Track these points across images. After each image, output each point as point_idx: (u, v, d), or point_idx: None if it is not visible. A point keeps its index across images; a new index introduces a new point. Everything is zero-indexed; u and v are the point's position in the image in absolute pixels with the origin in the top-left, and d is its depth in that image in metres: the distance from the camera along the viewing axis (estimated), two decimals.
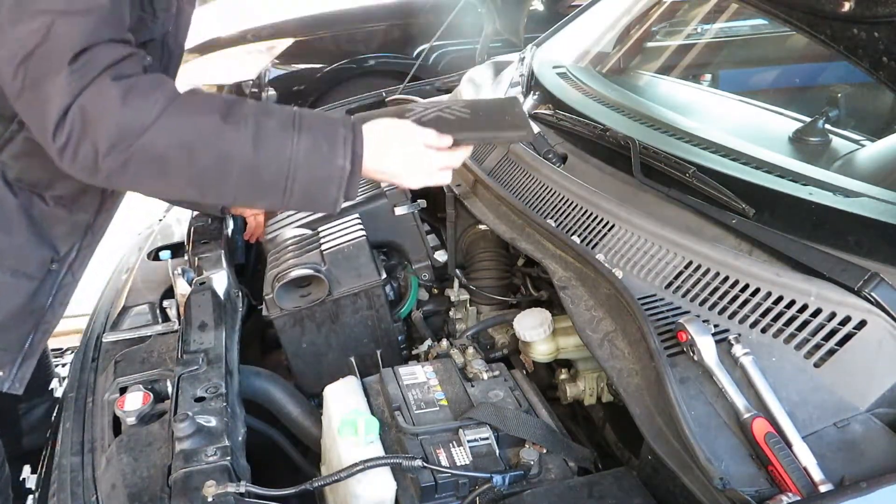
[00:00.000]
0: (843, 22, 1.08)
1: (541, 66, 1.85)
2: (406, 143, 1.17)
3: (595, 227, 1.30)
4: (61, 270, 1.31)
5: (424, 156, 1.18)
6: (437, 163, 1.19)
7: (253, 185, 1.09)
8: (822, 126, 1.46)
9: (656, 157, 1.31)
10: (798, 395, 0.95)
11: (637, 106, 1.62)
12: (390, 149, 1.16)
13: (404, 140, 1.17)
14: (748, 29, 2.24)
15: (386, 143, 1.15)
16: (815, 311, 0.99)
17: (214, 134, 1.04)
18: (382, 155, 1.15)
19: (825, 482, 0.85)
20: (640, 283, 1.17)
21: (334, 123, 1.12)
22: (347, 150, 1.10)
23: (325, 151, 1.09)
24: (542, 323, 1.31)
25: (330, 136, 1.10)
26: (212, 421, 1.11)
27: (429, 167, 1.19)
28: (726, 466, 0.89)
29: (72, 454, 1.20)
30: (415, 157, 1.17)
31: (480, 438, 1.08)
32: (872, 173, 1.33)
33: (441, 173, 1.20)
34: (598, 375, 1.30)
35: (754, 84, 2.22)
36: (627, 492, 0.99)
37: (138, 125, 1.01)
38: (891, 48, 1.02)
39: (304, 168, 1.08)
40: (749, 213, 1.15)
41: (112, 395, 1.28)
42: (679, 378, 0.99)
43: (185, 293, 1.46)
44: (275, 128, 1.07)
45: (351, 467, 1.00)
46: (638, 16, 2.07)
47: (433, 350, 1.45)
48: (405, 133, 1.17)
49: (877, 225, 1.05)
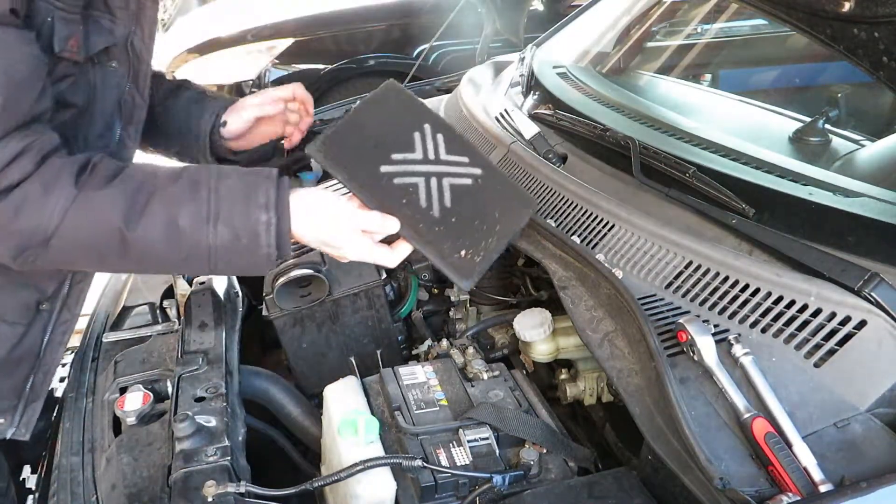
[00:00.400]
0: (843, 22, 1.08)
1: (541, 66, 1.85)
2: (337, 222, 1.05)
3: (595, 227, 1.29)
4: (54, 309, 1.19)
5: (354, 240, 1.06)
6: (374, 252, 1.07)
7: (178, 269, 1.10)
8: (822, 126, 1.47)
9: (656, 157, 1.31)
10: (798, 395, 0.95)
11: (637, 106, 1.62)
12: (320, 226, 1.05)
13: (336, 219, 1.05)
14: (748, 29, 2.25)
15: (315, 219, 1.05)
16: (816, 311, 0.99)
17: (120, 241, 0.97)
18: (311, 230, 1.05)
19: (825, 482, 0.85)
20: (640, 283, 1.17)
21: (256, 206, 0.99)
22: (271, 237, 0.99)
23: (246, 243, 0.99)
24: (542, 323, 1.31)
25: (251, 227, 0.99)
26: (212, 421, 1.11)
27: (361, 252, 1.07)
28: (726, 466, 0.89)
29: (72, 454, 1.20)
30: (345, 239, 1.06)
31: (480, 438, 1.08)
32: (872, 173, 1.33)
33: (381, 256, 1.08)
34: (598, 375, 1.30)
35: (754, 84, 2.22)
36: (627, 492, 0.99)
37: (39, 237, 0.95)
38: (891, 48, 1.02)
39: (225, 259, 1.00)
40: (749, 213, 1.15)
41: (112, 395, 1.28)
42: (679, 378, 0.99)
43: (185, 293, 1.46)
44: (187, 225, 0.97)
45: (351, 467, 1.00)
46: (638, 16, 2.07)
47: (433, 350, 1.45)
48: (338, 212, 1.06)
49: (877, 225, 1.06)
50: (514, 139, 1.59)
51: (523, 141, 1.58)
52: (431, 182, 1.06)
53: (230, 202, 0.99)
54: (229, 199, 1.00)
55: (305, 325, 1.47)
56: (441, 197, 1.05)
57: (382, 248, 1.08)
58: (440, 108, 1.97)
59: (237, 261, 1.01)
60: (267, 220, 0.99)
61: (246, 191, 1.00)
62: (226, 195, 1.00)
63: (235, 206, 0.99)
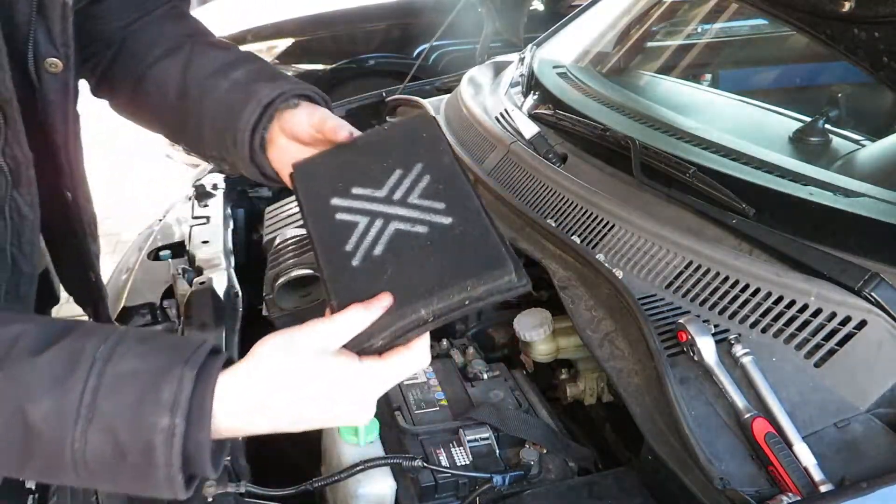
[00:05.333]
0: (843, 22, 1.08)
1: (541, 66, 1.85)
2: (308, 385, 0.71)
3: (595, 227, 1.29)
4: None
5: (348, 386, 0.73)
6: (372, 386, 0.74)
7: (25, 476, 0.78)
8: (822, 126, 1.46)
9: (656, 157, 1.31)
10: (798, 395, 0.95)
11: (637, 106, 1.62)
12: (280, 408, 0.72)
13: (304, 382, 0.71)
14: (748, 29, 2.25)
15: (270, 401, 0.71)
16: (816, 311, 0.99)
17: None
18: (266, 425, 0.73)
19: (825, 482, 0.85)
20: (641, 283, 1.17)
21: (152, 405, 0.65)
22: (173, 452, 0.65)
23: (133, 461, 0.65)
24: (542, 323, 1.31)
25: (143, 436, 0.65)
26: None
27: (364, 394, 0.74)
28: (726, 466, 0.89)
29: None
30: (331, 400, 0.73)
31: (480, 438, 1.08)
32: (872, 173, 1.33)
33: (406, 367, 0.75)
34: (598, 375, 1.30)
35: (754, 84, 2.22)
36: (627, 492, 0.99)
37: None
38: (891, 48, 1.02)
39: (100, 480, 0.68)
40: (749, 213, 1.15)
41: None
42: (679, 378, 0.99)
43: (185, 293, 1.46)
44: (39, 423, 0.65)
45: (351, 467, 1.00)
46: (638, 16, 2.07)
47: (433, 350, 1.45)
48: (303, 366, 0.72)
49: (877, 225, 1.06)
50: (514, 139, 1.59)
51: (523, 141, 1.58)
52: (375, 224, 0.84)
53: (116, 397, 0.65)
54: (116, 393, 0.65)
55: None
56: (374, 243, 0.83)
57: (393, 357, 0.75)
58: (440, 107, 1.97)
59: (122, 480, 0.68)
60: (168, 428, 0.65)
61: (145, 381, 0.66)
62: (111, 385, 0.66)
63: (125, 399, 0.65)
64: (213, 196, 1.84)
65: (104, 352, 0.67)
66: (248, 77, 1.00)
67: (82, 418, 0.64)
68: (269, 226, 1.75)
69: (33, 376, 0.66)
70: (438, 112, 1.90)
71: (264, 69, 1.03)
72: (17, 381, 0.65)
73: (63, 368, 0.66)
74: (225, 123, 0.98)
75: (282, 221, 1.72)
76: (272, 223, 1.75)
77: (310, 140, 0.96)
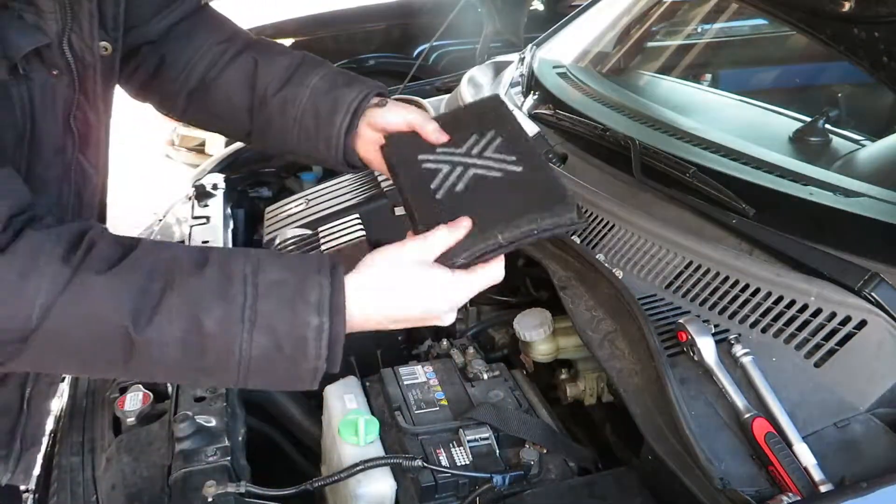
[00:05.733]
0: (843, 22, 1.08)
1: (541, 66, 1.85)
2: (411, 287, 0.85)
3: (595, 227, 1.29)
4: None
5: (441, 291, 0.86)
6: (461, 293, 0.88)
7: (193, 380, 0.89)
8: (823, 126, 1.46)
9: (656, 157, 1.31)
10: (798, 395, 0.95)
11: (637, 106, 1.62)
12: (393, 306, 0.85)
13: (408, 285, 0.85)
14: (748, 29, 2.25)
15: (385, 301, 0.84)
16: (816, 311, 0.99)
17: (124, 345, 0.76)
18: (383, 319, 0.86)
19: (825, 482, 0.85)
20: (641, 283, 1.17)
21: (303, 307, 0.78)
22: (321, 346, 0.78)
23: (290, 354, 0.78)
24: (542, 323, 1.31)
25: (297, 333, 0.78)
26: (212, 421, 1.11)
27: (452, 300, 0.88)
28: (726, 466, 0.89)
29: (72, 454, 1.20)
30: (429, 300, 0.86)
31: (480, 438, 1.08)
32: (872, 173, 1.33)
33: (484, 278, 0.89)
34: (598, 375, 1.30)
35: (754, 84, 2.22)
36: (627, 492, 0.99)
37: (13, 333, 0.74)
38: (891, 48, 1.02)
39: (259, 374, 0.79)
40: (749, 213, 1.15)
41: (112, 395, 1.28)
42: (679, 378, 0.99)
43: None
44: (215, 329, 0.76)
45: (351, 467, 1.00)
46: (638, 16, 2.07)
47: (433, 350, 1.45)
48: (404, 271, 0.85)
49: (877, 225, 1.05)
50: None
51: None
52: (456, 170, 1.00)
53: (272, 302, 0.78)
54: (270, 298, 0.78)
55: None
56: (455, 183, 0.98)
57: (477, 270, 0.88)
58: (440, 108, 1.97)
59: (274, 374, 0.80)
60: (318, 325, 0.78)
61: (292, 287, 0.79)
62: (266, 292, 0.78)
63: (278, 306, 0.78)
64: (213, 196, 1.84)
65: (250, 267, 0.79)
66: (326, 84, 1.10)
67: (247, 321, 0.76)
68: (269, 226, 1.75)
69: (201, 290, 0.77)
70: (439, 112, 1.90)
71: (336, 74, 1.13)
72: (189, 296, 0.76)
73: (221, 282, 0.77)
74: (316, 130, 1.09)
75: (282, 221, 1.72)
76: (272, 223, 1.75)
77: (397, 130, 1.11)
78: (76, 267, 0.75)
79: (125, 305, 0.74)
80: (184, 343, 0.76)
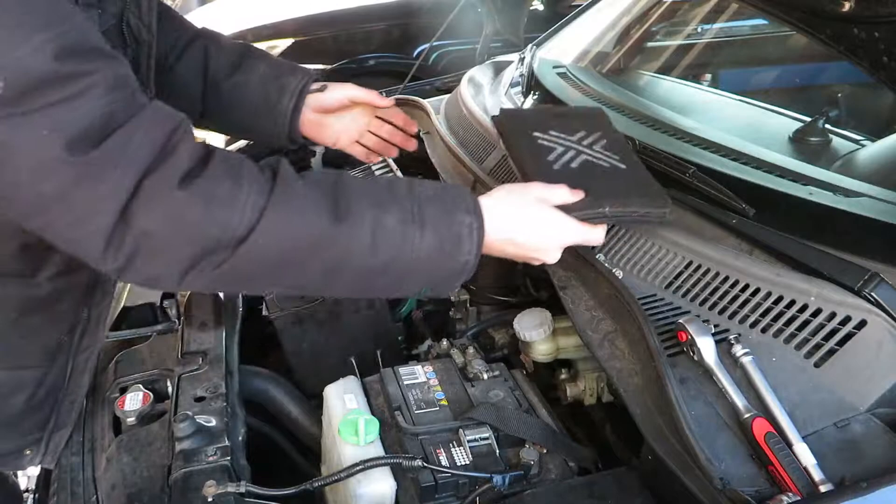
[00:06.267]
0: (843, 22, 1.08)
1: (541, 66, 1.85)
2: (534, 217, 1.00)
3: None
4: (73, 340, 1.09)
5: (556, 225, 1.01)
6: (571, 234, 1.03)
7: (363, 288, 0.94)
8: (822, 126, 1.46)
9: (656, 156, 1.31)
10: (798, 395, 0.95)
11: (637, 106, 1.62)
12: (517, 227, 0.99)
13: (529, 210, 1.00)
14: (748, 29, 2.24)
15: (510, 218, 0.98)
16: (816, 311, 0.99)
17: (327, 241, 0.85)
18: (508, 237, 0.98)
19: (825, 482, 0.85)
20: (640, 283, 1.17)
21: (457, 210, 0.92)
22: (473, 242, 0.92)
23: (449, 249, 0.91)
24: (542, 323, 1.31)
25: (455, 230, 0.91)
26: (212, 421, 1.11)
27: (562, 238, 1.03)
28: (726, 466, 0.89)
29: (72, 454, 1.20)
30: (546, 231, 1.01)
31: (480, 438, 1.08)
32: (872, 173, 1.33)
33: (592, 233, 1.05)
34: (598, 375, 1.30)
35: (754, 84, 2.22)
36: (627, 492, 0.99)
37: (228, 240, 0.80)
38: (891, 48, 1.02)
39: (424, 269, 0.91)
40: (749, 213, 1.15)
41: (112, 394, 1.28)
42: (679, 378, 0.99)
43: (185, 293, 1.46)
44: (394, 227, 0.88)
45: (351, 467, 1.00)
46: (638, 16, 2.07)
47: (433, 350, 1.45)
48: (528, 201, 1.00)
49: (877, 225, 1.05)
50: None
51: None
52: (569, 152, 1.16)
53: (433, 204, 0.91)
54: (431, 202, 0.91)
55: (305, 325, 1.47)
56: (570, 161, 1.14)
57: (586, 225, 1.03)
58: (440, 107, 1.96)
59: (433, 272, 0.92)
60: (470, 224, 0.92)
61: (445, 197, 0.93)
62: (426, 198, 0.91)
63: (439, 208, 0.91)
64: None
65: (407, 184, 0.93)
66: (273, 71, 1.29)
67: (417, 222, 0.89)
68: None
69: (379, 193, 0.89)
70: (439, 112, 1.90)
71: (279, 63, 1.32)
72: (372, 197, 0.88)
73: (391, 190, 0.91)
74: (265, 111, 1.27)
75: None
76: None
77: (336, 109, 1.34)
78: (273, 178, 0.84)
79: (323, 205, 0.85)
80: (373, 239, 0.86)
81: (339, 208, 0.85)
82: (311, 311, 1.45)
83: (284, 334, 1.47)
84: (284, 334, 1.47)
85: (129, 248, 0.78)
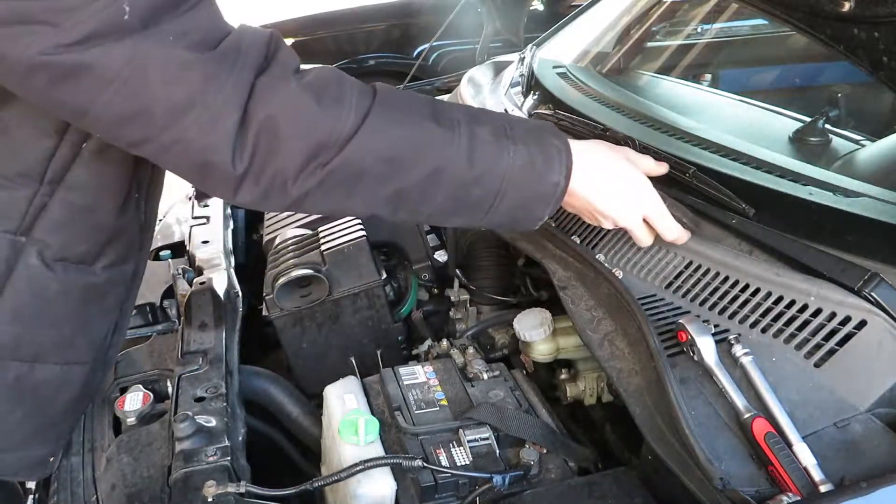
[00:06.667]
0: (843, 22, 1.08)
1: (541, 66, 1.85)
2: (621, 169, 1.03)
3: (595, 227, 1.29)
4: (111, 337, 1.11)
5: (643, 189, 1.05)
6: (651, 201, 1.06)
7: (457, 204, 0.93)
8: (822, 126, 1.46)
9: (656, 156, 1.31)
10: (798, 395, 0.95)
11: (637, 106, 1.62)
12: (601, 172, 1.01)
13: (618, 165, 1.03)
14: (748, 29, 2.24)
15: (596, 165, 1.01)
16: (816, 311, 0.99)
17: (429, 144, 0.88)
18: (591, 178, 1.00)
19: (825, 482, 0.85)
20: (640, 283, 1.17)
21: (544, 133, 0.96)
22: (562, 165, 0.95)
23: (540, 167, 0.94)
24: (542, 323, 1.31)
25: (544, 149, 0.94)
26: (212, 421, 1.11)
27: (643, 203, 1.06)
28: (726, 466, 0.89)
29: (72, 454, 1.20)
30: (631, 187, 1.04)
31: (480, 438, 1.08)
32: (872, 173, 1.33)
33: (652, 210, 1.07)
34: (598, 375, 1.30)
35: (754, 84, 2.22)
36: (627, 492, 0.99)
37: (338, 135, 0.84)
38: (891, 48, 1.02)
39: (516, 185, 0.93)
40: (749, 213, 1.15)
41: (112, 394, 1.28)
42: (679, 378, 0.99)
43: (185, 293, 1.46)
44: (489, 138, 0.91)
45: (351, 467, 1.00)
46: (638, 16, 2.07)
47: (433, 350, 1.45)
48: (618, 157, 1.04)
49: (877, 225, 1.05)
50: None
51: None
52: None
53: (524, 125, 0.96)
54: (522, 123, 0.96)
55: (305, 325, 1.47)
56: None
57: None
58: None
59: (524, 191, 0.94)
60: (558, 147, 0.96)
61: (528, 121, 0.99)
62: (517, 119, 0.97)
63: (530, 129, 0.96)
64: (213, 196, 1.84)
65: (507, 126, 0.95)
66: None
67: (510, 137, 0.92)
68: (269, 226, 1.75)
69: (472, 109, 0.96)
70: None
71: None
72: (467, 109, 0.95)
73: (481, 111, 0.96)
74: None
75: (282, 221, 1.73)
76: (272, 223, 1.75)
77: None
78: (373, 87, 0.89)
79: (424, 111, 0.89)
80: (470, 148, 0.89)
81: (438, 115, 0.90)
82: (311, 311, 1.46)
83: (284, 334, 1.47)
84: (284, 334, 1.47)
85: (251, 145, 0.82)
